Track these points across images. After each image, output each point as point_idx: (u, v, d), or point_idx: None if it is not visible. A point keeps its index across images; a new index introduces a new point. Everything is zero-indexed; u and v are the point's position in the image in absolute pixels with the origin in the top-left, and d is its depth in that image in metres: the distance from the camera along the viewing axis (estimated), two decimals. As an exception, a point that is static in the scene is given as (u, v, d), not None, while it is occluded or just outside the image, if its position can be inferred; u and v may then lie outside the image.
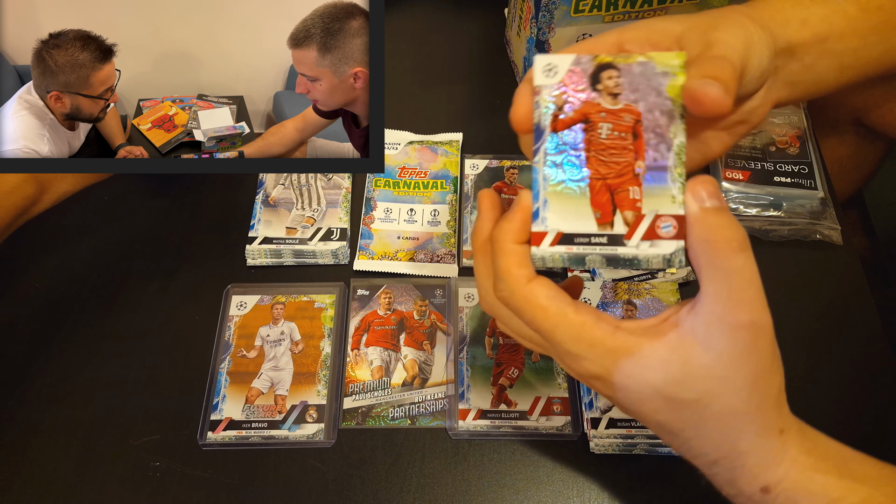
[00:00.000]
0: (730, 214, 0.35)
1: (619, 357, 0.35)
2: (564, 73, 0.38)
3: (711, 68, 0.37)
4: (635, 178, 0.37)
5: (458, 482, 0.51)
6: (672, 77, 0.37)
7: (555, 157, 0.38)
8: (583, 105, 0.38)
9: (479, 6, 0.83)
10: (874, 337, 0.58)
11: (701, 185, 0.36)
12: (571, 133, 0.38)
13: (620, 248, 0.36)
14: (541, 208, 0.37)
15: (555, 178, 0.37)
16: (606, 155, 0.38)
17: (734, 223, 0.35)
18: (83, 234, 0.65)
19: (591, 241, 0.37)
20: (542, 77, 0.38)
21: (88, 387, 0.55)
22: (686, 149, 0.38)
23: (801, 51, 0.45)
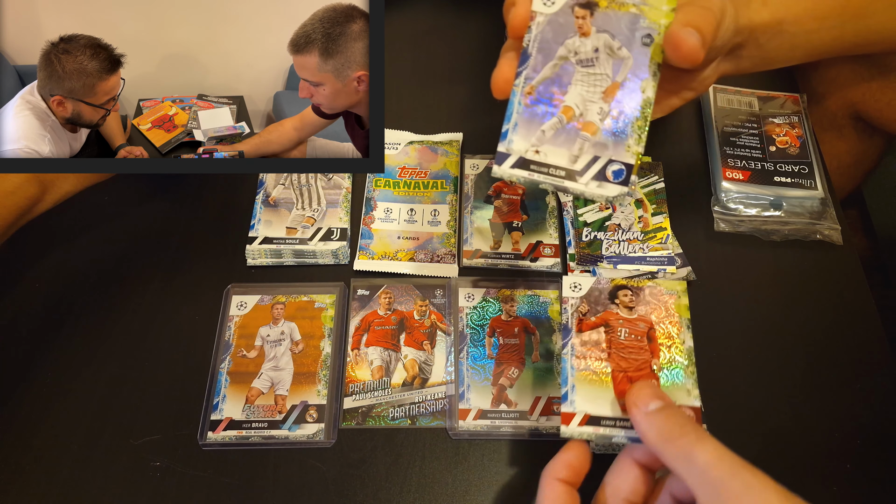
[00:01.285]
0: (675, 408, 0.37)
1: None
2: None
3: (696, 16, 0.38)
4: (652, 373, 0.42)
5: (458, 482, 0.51)
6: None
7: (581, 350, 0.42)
8: (604, 313, 0.43)
9: (479, 6, 0.83)
10: (874, 337, 0.58)
11: (639, 393, 0.38)
12: (595, 333, 0.43)
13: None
14: (569, 392, 0.41)
15: (583, 367, 0.42)
16: (626, 353, 0.42)
17: (682, 414, 0.36)
18: (83, 234, 0.65)
19: (616, 423, 0.40)
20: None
21: (88, 387, 0.55)
22: None
23: (759, 31, 0.46)
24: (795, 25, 0.47)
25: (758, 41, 0.46)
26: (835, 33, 0.50)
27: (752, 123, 0.69)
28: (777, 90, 0.72)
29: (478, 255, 0.62)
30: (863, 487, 0.51)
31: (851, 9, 0.49)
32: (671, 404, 0.37)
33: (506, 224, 0.64)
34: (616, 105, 0.40)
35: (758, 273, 0.62)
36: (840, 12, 0.49)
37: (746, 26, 0.45)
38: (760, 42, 0.46)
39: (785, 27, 0.47)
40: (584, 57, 0.40)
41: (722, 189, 0.65)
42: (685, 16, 0.39)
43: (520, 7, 0.39)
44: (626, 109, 0.40)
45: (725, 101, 0.71)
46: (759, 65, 0.49)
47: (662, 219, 0.63)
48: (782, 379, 0.56)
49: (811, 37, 0.49)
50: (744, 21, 0.44)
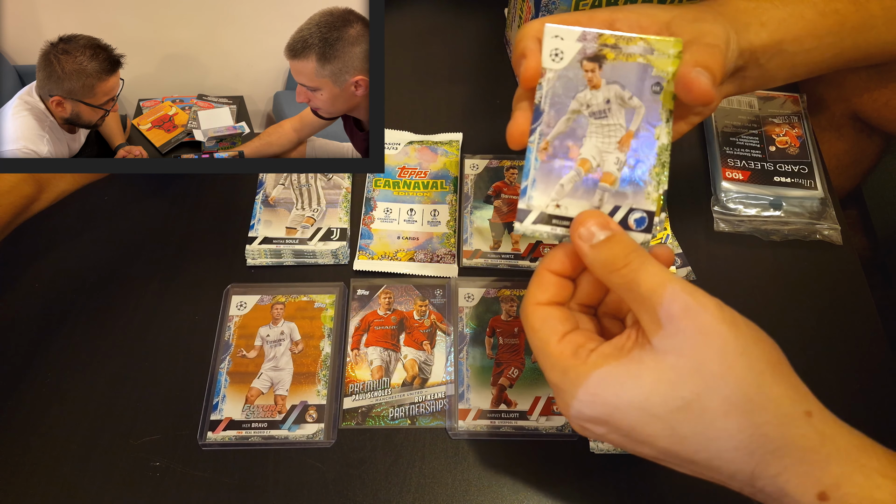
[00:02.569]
0: (621, 236, 0.36)
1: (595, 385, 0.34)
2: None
3: (704, 56, 0.39)
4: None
5: (458, 482, 0.51)
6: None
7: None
8: None
9: (479, 6, 0.83)
10: (874, 337, 0.58)
11: (583, 223, 0.37)
12: None
13: None
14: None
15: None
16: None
17: (629, 242, 0.36)
18: (83, 234, 0.65)
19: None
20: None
21: (88, 387, 0.55)
22: None
23: (759, 52, 0.46)
24: (795, 45, 0.47)
25: (758, 62, 0.46)
26: (834, 50, 0.50)
27: (751, 123, 0.69)
28: (777, 90, 0.72)
29: (478, 255, 0.62)
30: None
31: (850, 25, 0.50)
32: (617, 232, 0.37)
33: (505, 224, 0.64)
34: (632, 154, 0.40)
35: (758, 273, 0.62)
36: (838, 30, 0.49)
37: (747, 49, 0.45)
38: (761, 62, 0.47)
39: (784, 47, 0.47)
40: (597, 109, 0.41)
41: (722, 189, 0.65)
42: (693, 56, 0.39)
43: (530, 60, 0.40)
44: (642, 157, 0.40)
45: (725, 101, 0.71)
46: (761, 84, 0.49)
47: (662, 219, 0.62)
48: (782, 379, 0.56)
49: (811, 55, 0.49)
50: (744, 44, 0.44)
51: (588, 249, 0.36)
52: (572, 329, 0.37)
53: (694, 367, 0.32)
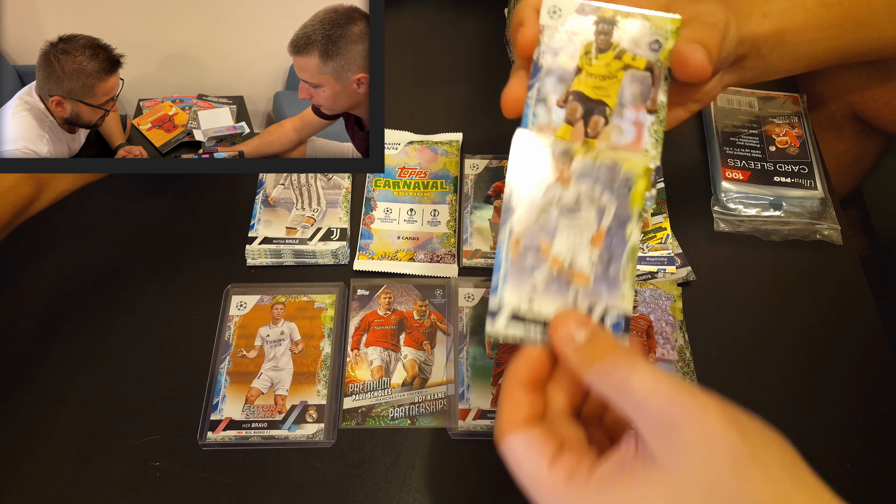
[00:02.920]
0: (603, 335, 0.34)
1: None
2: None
3: (700, 33, 0.39)
4: None
5: (458, 482, 0.51)
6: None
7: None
8: None
9: (479, 6, 0.83)
10: (874, 337, 0.58)
11: (562, 324, 0.35)
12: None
13: None
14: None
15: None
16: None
17: (612, 341, 0.34)
18: (83, 234, 0.65)
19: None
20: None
21: (88, 387, 0.55)
22: None
23: (760, 42, 0.46)
24: (797, 36, 0.47)
25: (760, 52, 0.46)
26: (836, 43, 0.50)
27: (751, 123, 0.69)
28: (777, 90, 0.72)
29: (478, 255, 0.62)
30: (863, 487, 0.51)
31: (852, 18, 0.49)
32: (596, 331, 0.34)
33: (506, 224, 0.64)
34: (605, 252, 0.39)
35: (758, 273, 0.62)
36: (841, 22, 0.49)
37: (749, 38, 0.45)
38: (763, 53, 0.46)
39: (786, 38, 0.47)
40: (567, 206, 0.40)
41: (722, 189, 0.65)
42: (690, 33, 0.39)
43: (527, 27, 0.39)
44: (615, 255, 0.39)
45: (725, 101, 0.71)
46: (762, 75, 0.49)
47: (662, 219, 0.63)
48: (782, 379, 0.56)
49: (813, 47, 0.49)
50: (746, 33, 0.44)
51: (571, 352, 0.34)
52: (559, 448, 0.34)
53: (706, 486, 0.29)
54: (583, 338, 0.34)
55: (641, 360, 0.32)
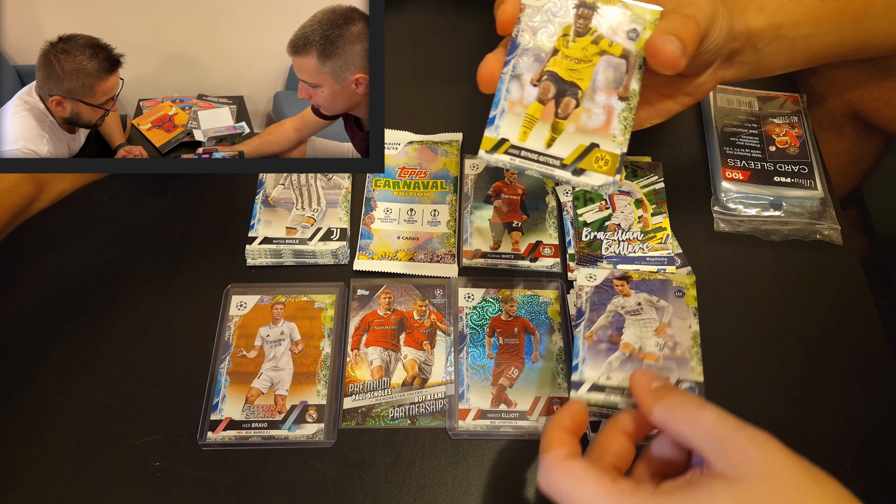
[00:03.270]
0: (675, 387, 0.39)
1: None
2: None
3: (676, 25, 0.39)
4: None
5: (458, 482, 0.51)
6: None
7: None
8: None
9: (479, 6, 0.83)
10: (874, 337, 0.58)
11: (643, 376, 0.40)
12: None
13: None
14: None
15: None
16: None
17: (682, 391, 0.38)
18: (83, 234, 0.65)
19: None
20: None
21: (88, 387, 0.55)
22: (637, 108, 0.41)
23: (755, 36, 0.46)
24: (793, 30, 0.47)
25: (755, 46, 0.46)
26: (833, 38, 0.50)
27: (751, 123, 0.69)
28: (777, 90, 0.72)
29: (477, 255, 0.62)
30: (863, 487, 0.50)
31: (850, 13, 0.49)
32: (668, 383, 0.39)
33: (505, 224, 0.64)
34: (669, 339, 0.47)
35: (758, 273, 0.62)
36: (838, 17, 0.49)
37: (743, 32, 0.45)
38: (758, 48, 0.46)
39: (783, 32, 0.47)
40: (631, 310, 0.48)
41: (722, 189, 0.65)
42: (667, 23, 0.39)
43: (508, 3, 0.41)
44: (679, 340, 0.47)
45: (725, 101, 0.71)
46: (758, 70, 0.49)
47: (662, 219, 0.63)
48: (782, 379, 0.56)
49: (810, 42, 0.49)
50: (740, 26, 0.44)
51: (647, 394, 0.38)
52: (617, 474, 0.37)
53: (769, 492, 0.32)
54: (658, 385, 0.39)
55: (708, 402, 0.36)
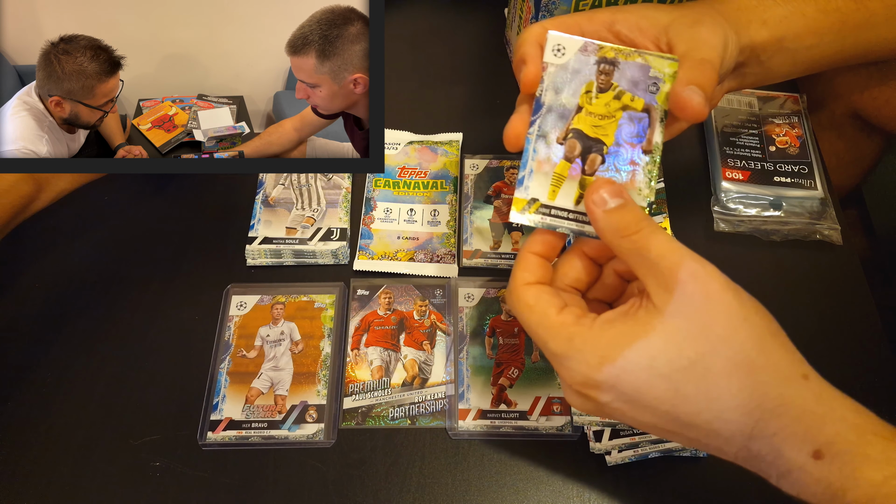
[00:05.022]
0: (634, 205, 0.37)
1: (603, 348, 0.35)
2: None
3: (696, 74, 0.40)
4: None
5: (458, 482, 0.51)
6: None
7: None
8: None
9: (479, 6, 0.83)
10: (874, 337, 0.58)
11: (597, 190, 0.38)
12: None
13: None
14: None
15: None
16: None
17: (640, 211, 0.37)
18: (83, 234, 0.65)
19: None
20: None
21: (88, 387, 0.55)
22: None
23: (759, 49, 0.47)
24: (796, 42, 0.48)
25: (759, 59, 0.47)
26: (835, 47, 0.50)
27: (751, 123, 0.69)
28: (777, 90, 0.72)
29: (478, 255, 0.62)
30: (863, 487, 0.50)
31: (851, 23, 0.50)
32: (630, 201, 0.38)
33: (505, 224, 0.64)
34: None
35: (758, 273, 0.62)
36: (839, 27, 0.49)
37: (748, 46, 0.45)
38: (762, 59, 0.47)
39: (785, 44, 0.47)
40: None
41: (722, 189, 0.65)
42: (686, 74, 0.40)
43: (530, 65, 0.40)
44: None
45: (725, 101, 0.71)
46: (762, 80, 0.49)
47: (662, 219, 0.62)
48: (782, 379, 0.56)
49: (812, 52, 0.49)
50: (745, 41, 0.45)
51: (601, 214, 0.37)
52: (566, 304, 0.38)
53: (700, 330, 0.34)
54: (614, 204, 0.37)
55: (661, 229, 0.36)
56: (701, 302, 0.34)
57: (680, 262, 0.35)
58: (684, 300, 0.34)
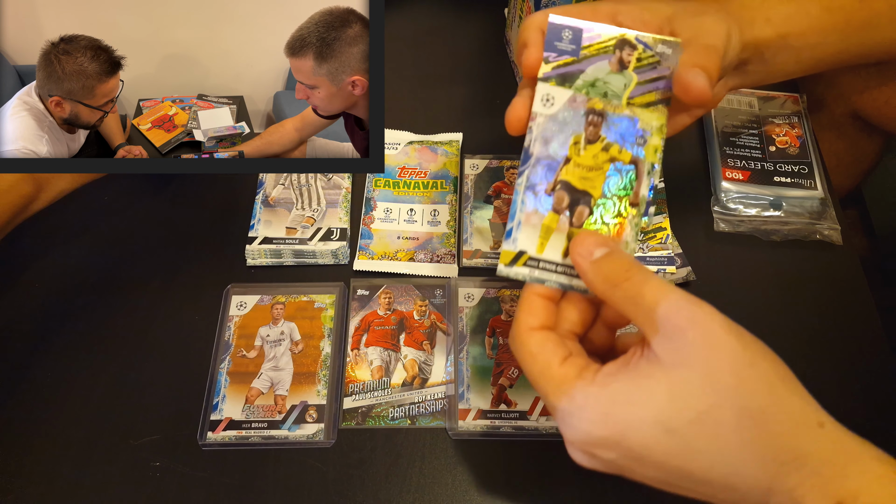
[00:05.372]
0: (620, 252, 0.37)
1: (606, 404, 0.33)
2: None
3: (701, 58, 0.39)
4: None
5: (458, 482, 0.51)
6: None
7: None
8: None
9: (479, 6, 0.83)
10: (874, 337, 0.58)
11: (582, 243, 0.37)
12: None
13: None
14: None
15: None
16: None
17: (627, 257, 0.36)
18: (83, 234, 0.65)
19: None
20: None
21: (88, 387, 0.55)
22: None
23: (763, 47, 0.46)
24: (800, 40, 0.48)
25: (763, 56, 0.47)
26: (839, 46, 0.50)
27: (751, 123, 0.69)
28: (777, 90, 0.72)
29: (478, 255, 0.62)
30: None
31: (855, 23, 0.50)
32: (616, 249, 0.37)
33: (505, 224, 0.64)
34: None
35: (758, 273, 0.62)
36: (844, 27, 0.49)
37: (752, 43, 0.45)
38: (766, 57, 0.47)
39: (789, 42, 0.47)
40: None
41: (722, 189, 0.65)
42: (691, 57, 0.39)
43: (532, 50, 0.40)
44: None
45: (725, 101, 0.71)
46: (765, 78, 0.49)
47: (662, 219, 0.63)
48: (782, 379, 0.56)
49: (815, 51, 0.49)
50: (748, 38, 0.45)
51: (588, 266, 0.36)
52: (569, 354, 0.37)
53: (706, 379, 0.32)
54: (601, 254, 0.36)
55: (651, 273, 0.35)
56: (704, 349, 0.32)
57: (677, 307, 0.33)
58: (686, 348, 0.32)
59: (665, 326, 0.33)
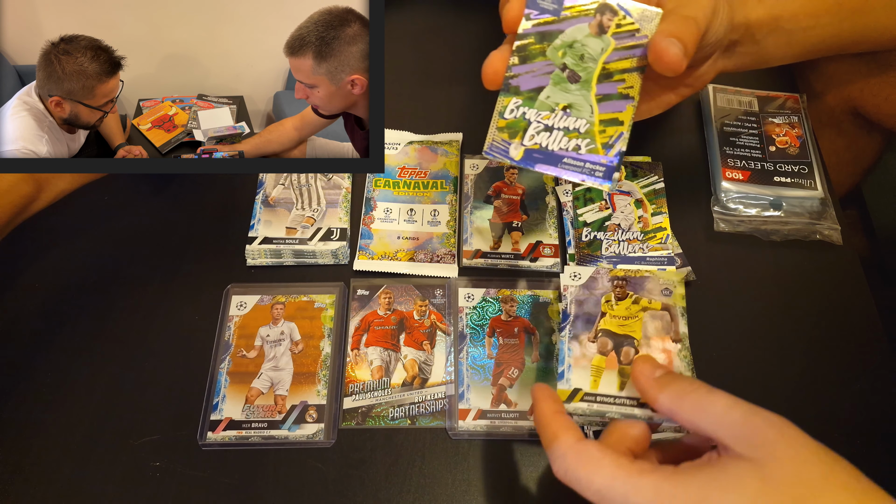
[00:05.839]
0: (678, 373, 0.39)
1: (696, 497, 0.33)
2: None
3: (678, 27, 0.40)
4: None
5: (458, 482, 0.51)
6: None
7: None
8: None
9: (479, 6, 0.83)
10: (874, 337, 0.58)
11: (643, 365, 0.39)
12: None
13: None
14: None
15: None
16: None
17: (688, 377, 0.38)
18: (83, 234, 0.65)
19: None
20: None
21: (88, 387, 0.55)
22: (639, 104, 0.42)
23: (755, 27, 0.47)
24: (792, 22, 0.48)
25: (754, 38, 0.47)
26: (832, 30, 0.50)
27: (751, 123, 0.69)
28: (776, 90, 0.72)
29: (477, 255, 0.62)
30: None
31: (848, 6, 0.50)
32: (671, 370, 0.39)
33: (505, 224, 0.64)
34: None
35: (758, 273, 0.62)
36: (837, 10, 0.49)
37: (742, 23, 0.45)
38: (757, 39, 0.47)
39: (781, 24, 0.47)
40: None
41: (722, 189, 0.65)
42: (668, 26, 0.40)
43: (514, 3, 0.41)
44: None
45: (725, 101, 0.71)
46: (756, 62, 0.49)
47: (662, 219, 0.63)
48: (782, 379, 0.56)
49: (808, 34, 0.49)
50: (739, 18, 0.45)
51: (650, 382, 0.38)
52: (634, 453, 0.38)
53: (795, 473, 0.32)
54: (661, 374, 0.39)
55: (714, 388, 0.36)
56: (787, 446, 0.33)
57: (750, 412, 0.34)
58: (767, 445, 0.33)
59: (742, 430, 0.34)
